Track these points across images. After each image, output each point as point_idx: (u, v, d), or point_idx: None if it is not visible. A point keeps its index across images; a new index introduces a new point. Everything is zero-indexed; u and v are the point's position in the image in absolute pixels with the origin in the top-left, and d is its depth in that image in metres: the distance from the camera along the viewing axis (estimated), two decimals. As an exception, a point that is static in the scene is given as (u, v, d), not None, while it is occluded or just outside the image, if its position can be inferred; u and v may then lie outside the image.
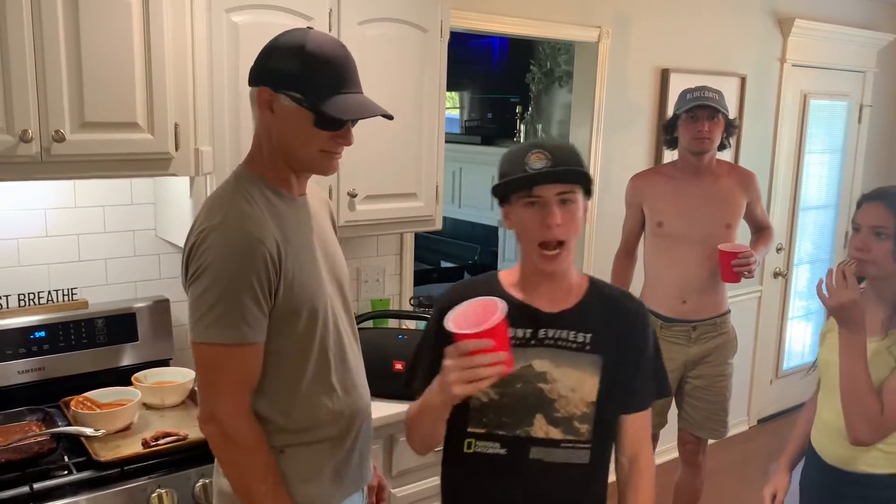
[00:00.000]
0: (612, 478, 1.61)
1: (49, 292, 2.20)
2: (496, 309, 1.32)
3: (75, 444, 1.89)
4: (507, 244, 4.83)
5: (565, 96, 4.35)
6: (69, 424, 1.96)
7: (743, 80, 4.09)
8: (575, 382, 1.52)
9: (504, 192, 1.51)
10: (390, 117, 1.51)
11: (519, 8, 3.11)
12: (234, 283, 1.39)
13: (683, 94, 2.88)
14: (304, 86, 1.44)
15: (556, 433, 1.52)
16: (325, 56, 1.45)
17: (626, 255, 3.09)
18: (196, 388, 1.46)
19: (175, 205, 2.21)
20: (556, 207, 1.46)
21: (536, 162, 1.45)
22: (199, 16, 1.97)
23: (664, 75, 3.71)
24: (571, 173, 1.47)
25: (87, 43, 1.78)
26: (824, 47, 4.51)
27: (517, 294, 1.56)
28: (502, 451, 1.53)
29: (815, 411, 2.04)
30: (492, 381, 1.33)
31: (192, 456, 1.90)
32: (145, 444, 1.89)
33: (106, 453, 1.85)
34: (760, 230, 3.10)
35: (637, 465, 1.61)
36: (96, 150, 1.84)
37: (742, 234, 3.00)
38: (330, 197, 2.32)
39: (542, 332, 1.53)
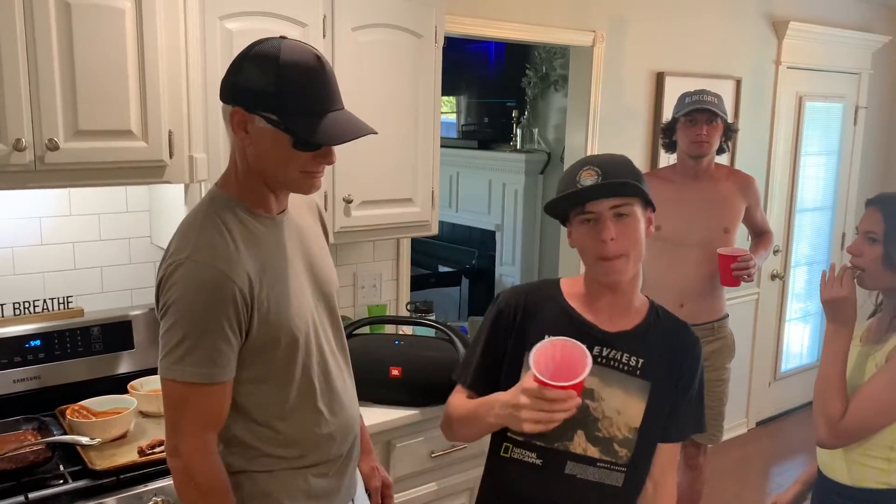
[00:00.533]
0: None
1: (44, 301, 2.20)
2: (583, 362, 1.32)
3: (71, 453, 1.88)
4: (505, 248, 4.83)
5: (561, 100, 4.36)
6: (65, 433, 1.96)
7: (738, 82, 4.10)
8: (621, 405, 1.52)
9: (559, 211, 1.52)
10: (375, 133, 1.43)
11: (514, 13, 3.11)
12: (201, 322, 1.34)
13: (682, 97, 2.88)
14: (281, 106, 1.33)
15: (594, 451, 1.53)
16: (301, 71, 1.33)
17: None
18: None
19: (170, 212, 2.21)
20: (610, 222, 1.46)
21: (587, 179, 1.46)
22: (192, 23, 1.97)
23: (659, 79, 3.72)
24: (620, 186, 1.46)
25: (80, 51, 1.78)
26: (819, 49, 4.52)
27: (577, 306, 1.57)
28: (538, 462, 1.54)
29: None
30: (558, 423, 1.34)
31: (188, 464, 1.89)
32: (141, 452, 1.88)
33: (102, 462, 1.84)
34: (760, 234, 3.10)
35: (662, 492, 1.61)
36: (90, 159, 1.83)
37: (740, 239, 3.00)
38: (325, 202, 2.32)
39: (596, 350, 1.53)
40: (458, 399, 1.60)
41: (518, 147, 4.71)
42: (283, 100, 1.33)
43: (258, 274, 1.41)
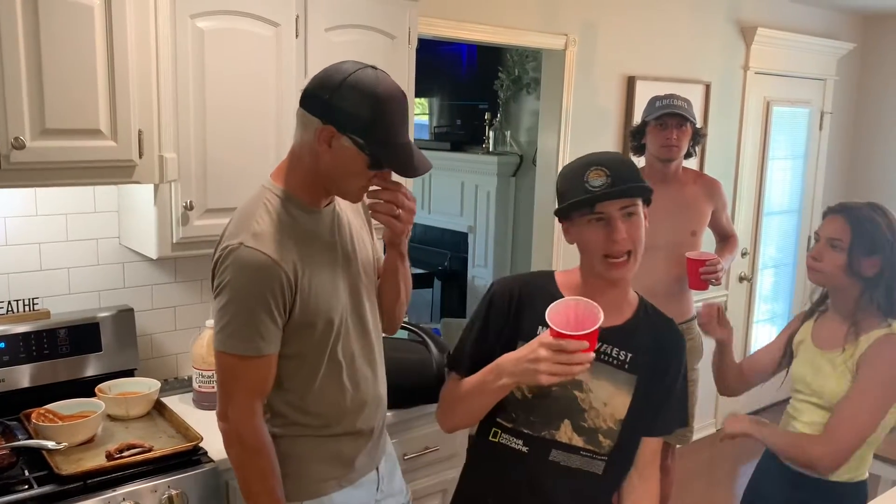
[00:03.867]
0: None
1: (9, 302, 2.15)
2: (597, 315, 1.40)
3: (36, 458, 1.85)
4: (477, 250, 4.84)
5: (533, 103, 4.38)
6: (30, 437, 1.92)
7: (707, 87, 4.15)
8: (608, 397, 1.56)
9: (566, 212, 1.54)
10: (431, 168, 1.60)
11: (487, 16, 3.12)
12: (250, 301, 1.50)
13: (653, 101, 2.91)
14: (371, 133, 1.48)
15: (578, 441, 1.56)
16: (393, 107, 1.50)
17: None
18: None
19: (139, 212, 2.18)
20: (621, 222, 1.49)
21: (596, 179, 1.48)
22: (163, 21, 1.95)
23: (630, 82, 3.75)
24: (634, 190, 1.50)
25: (47, 48, 1.75)
26: (786, 55, 4.60)
27: None
28: (524, 449, 1.58)
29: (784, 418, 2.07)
30: (574, 376, 1.42)
31: (157, 468, 1.87)
32: (109, 456, 1.85)
33: (68, 467, 1.81)
34: (725, 238, 3.14)
35: (646, 484, 1.66)
36: (57, 158, 1.80)
37: (706, 242, 3.04)
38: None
39: None
40: (455, 384, 1.62)
41: (490, 149, 4.73)
42: (373, 128, 1.48)
43: (302, 261, 1.55)
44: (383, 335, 1.84)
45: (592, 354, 1.38)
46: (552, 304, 1.42)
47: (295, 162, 1.59)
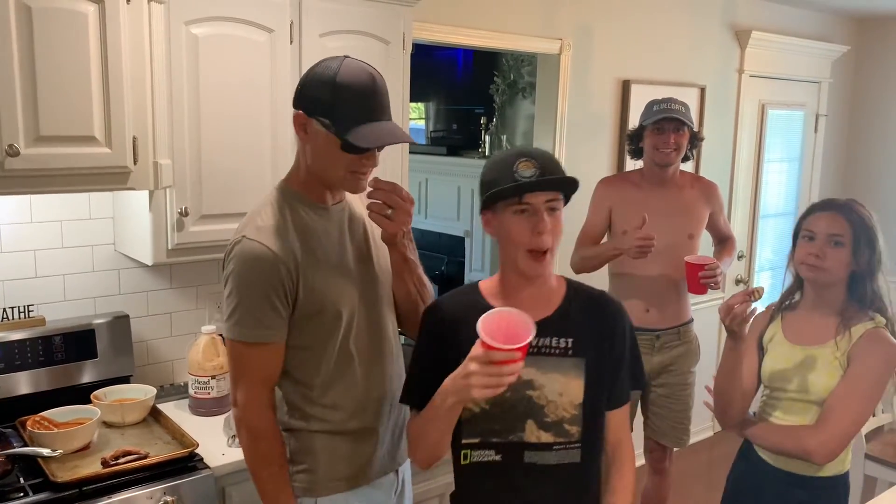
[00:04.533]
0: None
1: (4, 309, 2.15)
2: (527, 326, 1.38)
3: (32, 466, 1.85)
4: (475, 254, 4.84)
5: (529, 107, 4.38)
6: (25, 445, 1.92)
7: (703, 90, 4.16)
8: (561, 387, 1.55)
9: (492, 199, 1.51)
10: (411, 140, 1.70)
11: (482, 20, 3.13)
12: (252, 290, 1.58)
13: (650, 105, 2.91)
14: (332, 114, 1.56)
15: (547, 437, 1.55)
16: (354, 87, 1.56)
17: (592, 245, 3.04)
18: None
19: (134, 219, 2.18)
20: (546, 215, 1.49)
21: (525, 170, 1.48)
22: (157, 28, 1.95)
23: (625, 86, 3.76)
24: (563, 182, 1.50)
25: (41, 55, 1.75)
26: (781, 58, 4.61)
27: (498, 304, 1.57)
28: (497, 458, 1.56)
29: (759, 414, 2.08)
30: (504, 387, 1.39)
31: (153, 475, 1.87)
32: (105, 463, 1.85)
33: (63, 474, 1.81)
34: (723, 241, 3.14)
35: (619, 452, 1.65)
36: (52, 165, 1.80)
37: (703, 245, 3.04)
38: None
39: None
40: (414, 419, 1.61)
41: (486, 153, 4.73)
42: (334, 109, 1.56)
43: (305, 253, 1.61)
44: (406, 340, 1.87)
45: (521, 364, 1.37)
46: (483, 316, 1.40)
47: (296, 161, 1.69)
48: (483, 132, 4.69)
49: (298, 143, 1.65)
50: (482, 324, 1.38)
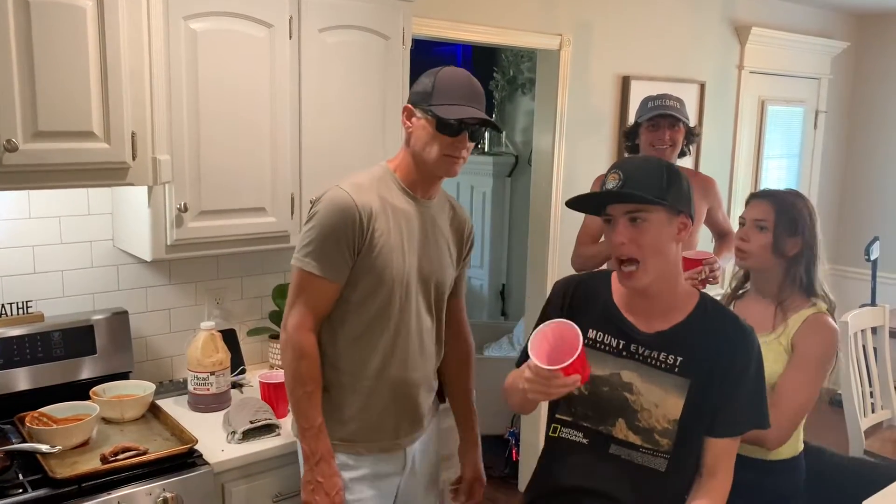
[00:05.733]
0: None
1: (3, 305, 2.15)
2: (574, 343, 1.44)
3: (31, 462, 1.84)
4: (474, 249, 4.82)
5: (528, 103, 4.38)
6: (24, 441, 1.91)
7: (702, 86, 4.16)
8: (659, 399, 1.58)
9: (583, 210, 1.69)
10: (492, 122, 1.83)
11: (482, 16, 3.12)
12: (327, 231, 1.76)
13: (645, 101, 2.91)
14: (430, 100, 1.79)
15: (635, 439, 1.59)
16: (451, 78, 1.83)
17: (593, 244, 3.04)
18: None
19: (133, 214, 2.17)
20: (623, 226, 1.52)
21: (610, 182, 1.54)
22: (155, 22, 1.95)
23: (625, 82, 3.75)
24: (625, 195, 1.52)
25: (39, 49, 1.74)
26: (781, 55, 4.61)
27: (620, 304, 1.64)
28: (584, 441, 1.63)
29: None
30: (556, 397, 1.50)
31: (152, 471, 1.86)
32: (104, 459, 1.85)
33: (62, 470, 1.81)
34: (722, 236, 3.14)
35: (711, 481, 1.62)
36: (50, 160, 1.80)
37: (703, 242, 3.04)
38: (293, 203, 2.30)
39: (633, 347, 1.60)
40: (513, 372, 1.69)
41: (486, 150, 4.73)
42: (433, 95, 1.80)
43: (383, 214, 1.81)
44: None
45: (577, 377, 1.44)
46: (538, 329, 1.49)
47: (401, 150, 1.89)
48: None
49: (404, 133, 1.85)
50: (533, 339, 1.47)
